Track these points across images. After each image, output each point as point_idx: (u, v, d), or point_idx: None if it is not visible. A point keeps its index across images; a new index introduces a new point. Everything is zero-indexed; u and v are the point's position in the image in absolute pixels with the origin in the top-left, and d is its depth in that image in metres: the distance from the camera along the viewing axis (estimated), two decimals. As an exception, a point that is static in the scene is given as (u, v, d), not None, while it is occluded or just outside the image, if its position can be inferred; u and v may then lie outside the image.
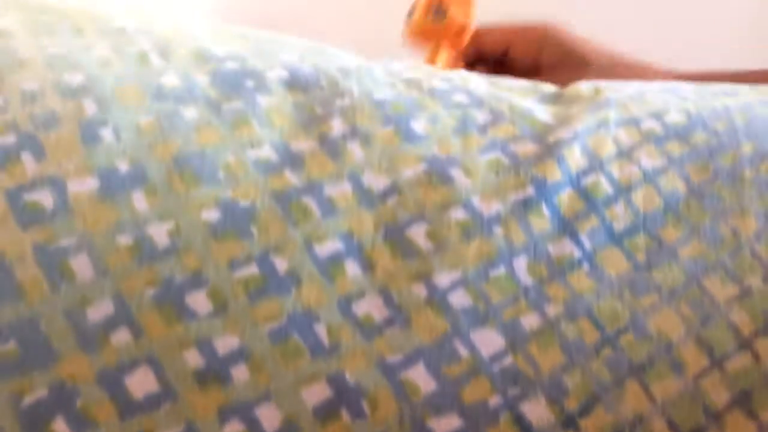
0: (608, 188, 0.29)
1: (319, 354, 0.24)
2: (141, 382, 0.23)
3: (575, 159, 0.30)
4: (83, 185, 0.25)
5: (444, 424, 0.24)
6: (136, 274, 0.24)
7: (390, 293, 0.25)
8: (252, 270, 0.25)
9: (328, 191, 0.27)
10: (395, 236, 0.27)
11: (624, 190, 0.29)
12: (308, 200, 0.27)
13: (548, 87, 0.36)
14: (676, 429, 0.25)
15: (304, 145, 0.28)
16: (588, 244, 0.28)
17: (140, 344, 0.23)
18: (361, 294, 0.25)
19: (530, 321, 0.26)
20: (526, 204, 0.28)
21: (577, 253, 0.28)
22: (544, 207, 0.28)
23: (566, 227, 0.28)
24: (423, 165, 0.29)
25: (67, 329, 0.23)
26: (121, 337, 0.23)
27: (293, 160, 0.28)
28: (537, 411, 0.24)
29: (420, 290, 0.26)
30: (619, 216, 0.29)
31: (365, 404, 0.24)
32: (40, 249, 0.24)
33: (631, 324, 0.26)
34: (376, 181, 0.28)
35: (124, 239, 0.25)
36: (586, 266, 0.27)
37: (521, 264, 0.27)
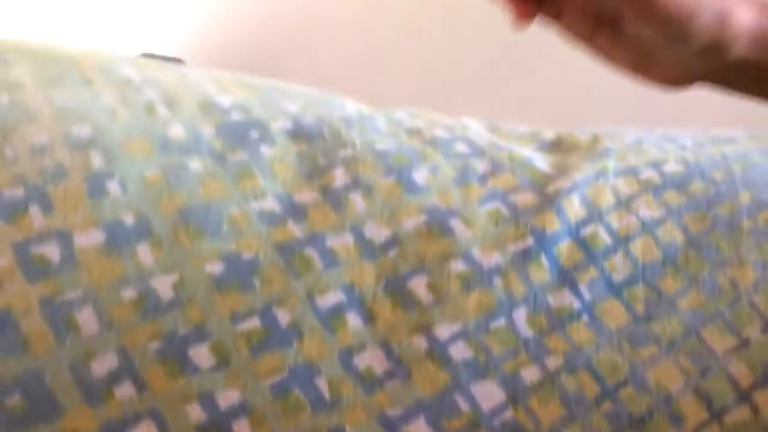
0: (607, 239, 0.30)
1: (320, 408, 0.24)
2: None
3: (574, 209, 0.30)
4: (89, 238, 0.26)
5: None
6: (140, 328, 0.24)
7: (391, 345, 0.26)
8: (254, 323, 0.25)
9: (331, 242, 0.28)
10: (396, 288, 0.27)
11: (623, 241, 0.30)
12: (310, 252, 0.27)
13: (548, 134, 0.37)
14: None
15: (307, 197, 0.29)
16: (587, 296, 0.28)
17: (144, 398, 0.23)
18: (362, 346, 0.26)
19: (530, 374, 0.26)
20: (526, 255, 0.29)
21: (577, 305, 0.28)
22: (544, 258, 0.29)
23: (566, 278, 0.28)
24: (424, 216, 0.29)
25: (72, 383, 0.23)
26: (125, 391, 0.23)
27: (296, 212, 0.28)
28: None
29: (420, 342, 0.26)
30: (618, 267, 0.29)
31: None
32: (47, 302, 0.24)
33: (631, 376, 0.26)
34: (378, 233, 0.28)
35: (129, 292, 0.25)
36: (586, 318, 0.28)
37: (521, 315, 0.27)
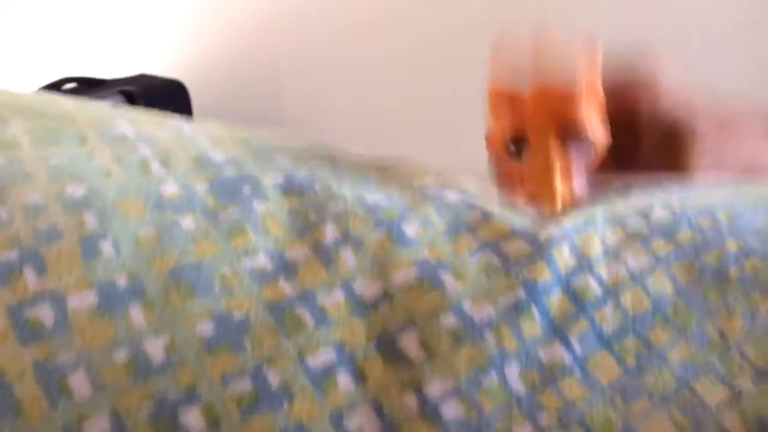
0: (597, 290, 0.30)
1: None
2: None
3: (564, 259, 0.30)
4: (82, 300, 0.26)
5: None
6: (132, 391, 0.25)
7: (381, 405, 0.26)
8: (245, 384, 0.25)
9: (321, 300, 0.28)
10: (387, 345, 0.27)
11: (612, 292, 0.30)
12: (301, 310, 0.27)
13: None
14: None
15: (298, 253, 0.29)
16: (578, 349, 0.28)
17: None
18: (353, 407, 0.26)
19: None
20: (517, 307, 0.29)
21: (568, 359, 0.28)
22: (535, 310, 0.29)
23: (557, 331, 0.28)
24: (414, 270, 0.29)
25: None
26: None
27: (287, 269, 0.28)
28: None
29: (411, 401, 0.26)
30: (608, 318, 0.29)
31: None
32: (40, 366, 0.25)
33: None
34: (368, 288, 0.28)
35: (121, 355, 0.25)
36: (578, 372, 0.28)
37: (513, 371, 0.27)
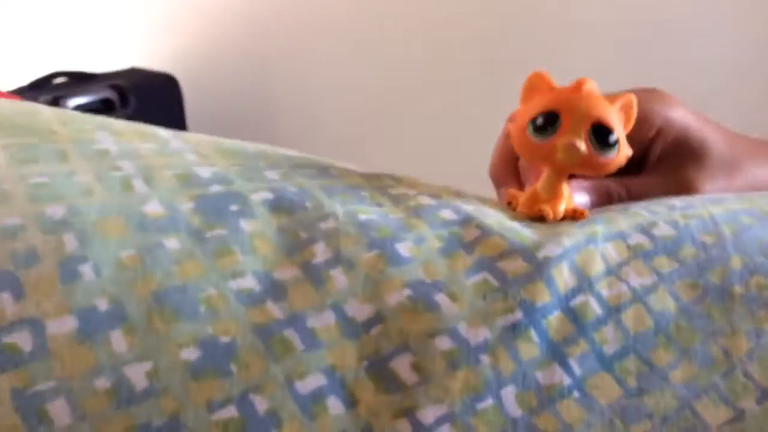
0: (597, 309, 0.29)
1: None
2: None
3: (564, 279, 0.29)
4: (62, 326, 0.25)
5: None
6: (114, 419, 0.24)
7: (373, 431, 0.25)
8: (231, 412, 0.24)
9: (311, 323, 0.27)
10: (379, 369, 0.26)
11: (613, 311, 0.29)
12: (290, 333, 0.26)
13: None
14: None
15: (288, 274, 0.28)
16: (578, 370, 0.27)
17: None
18: None
19: None
20: (515, 329, 0.28)
21: (567, 381, 0.27)
22: (533, 332, 0.28)
23: (555, 353, 0.28)
24: (408, 291, 0.28)
25: None
26: None
27: (276, 290, 0.27)
28: None
29: (404, 427, 0.25)
30: (609, 339, 0.28)
31: None
32: (18, 394, 0.24)
33: None
34: (360, 310, 0.27)
35: (102, 382, 0.24)
36: (577, 394, 0.27)
37: (510, 394, 0.26)
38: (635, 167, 0.42)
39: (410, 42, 1.42)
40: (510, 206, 0.36)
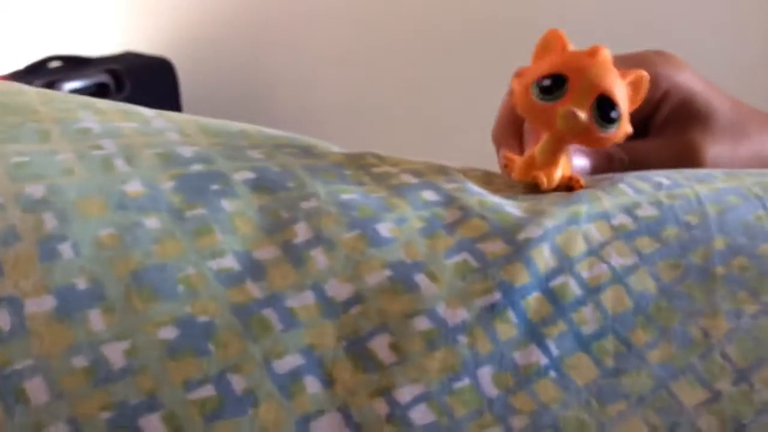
0: (577, 290, 0.29)
1: None
2: None
3: (544, 260, 0.29)
4: (40, 305, 0.25)
5: None
6: (91, 398, 0.24)
7: (349, 411, 0.25)
8: (208, 391, 0.24)
9: (290, 303, 0.27)
10: (357, 349, 0.26)
11: (593, 292, 0.29)
12: (269, 313, 0.26)
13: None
14: None
15: (268, 253, 0.28)
16: (555, 351, 0.27)
17: None
18: (320, 412, 0.25)
19: None
20: (493, 309, 0.28)
21: (544, 361, 0.27)
22: (511, 312, 0.28)
23: (533, 333, 0.28)
24: (388, 271, 0.28)
25: None
26: None
27: (255, 270, 0.27)
28: None
29: (381, 407, 0.25)
30: (588, 319, 0.28)
31: None
32: None
33: None
34: (340, 290, 0.27)
35: (80, 360, 0.24)
36: (553, 374, 0.27)
37: (486, 374, 0.26)
38: (640, 130, 0.41)
39: (408, 21, 1.42)
40: (506, 169, 0.36)
